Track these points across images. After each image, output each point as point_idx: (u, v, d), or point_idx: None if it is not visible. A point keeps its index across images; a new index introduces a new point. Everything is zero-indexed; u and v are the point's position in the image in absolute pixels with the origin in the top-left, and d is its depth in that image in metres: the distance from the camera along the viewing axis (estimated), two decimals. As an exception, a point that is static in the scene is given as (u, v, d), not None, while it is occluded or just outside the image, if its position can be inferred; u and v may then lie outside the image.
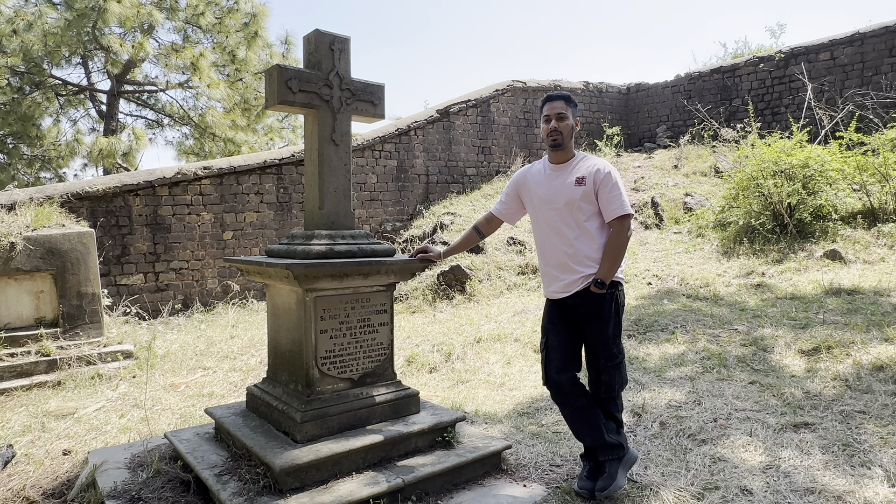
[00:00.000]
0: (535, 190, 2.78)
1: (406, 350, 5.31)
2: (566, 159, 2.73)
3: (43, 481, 3.09)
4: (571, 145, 2.74)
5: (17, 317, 5.12)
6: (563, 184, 2.67)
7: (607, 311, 2.61)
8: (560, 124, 2.67)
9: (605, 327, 2.62)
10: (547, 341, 2.75)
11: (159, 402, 4.33)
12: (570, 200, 2.63)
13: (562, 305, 2.72)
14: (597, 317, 2.62)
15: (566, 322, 2.71)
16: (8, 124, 12.85)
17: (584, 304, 2.63)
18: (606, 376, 2.64)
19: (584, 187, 2.61)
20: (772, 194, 7.24)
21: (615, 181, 2.60)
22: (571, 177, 2.66)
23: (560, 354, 2.69)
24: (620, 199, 2.59)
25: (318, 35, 2.94)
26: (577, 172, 2.66)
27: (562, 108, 2.68)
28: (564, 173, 2.69)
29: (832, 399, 3.38)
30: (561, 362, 2.69)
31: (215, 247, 8.30)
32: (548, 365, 2.73)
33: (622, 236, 2.59)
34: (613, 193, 2.59)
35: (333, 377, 2.82)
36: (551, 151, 2.75)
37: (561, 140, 2.68)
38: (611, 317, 2.62)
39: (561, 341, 2.70)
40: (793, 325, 4.63)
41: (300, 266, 2.57)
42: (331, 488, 2.51)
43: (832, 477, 2.61)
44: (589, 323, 2.65)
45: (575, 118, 2.72)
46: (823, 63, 10.24)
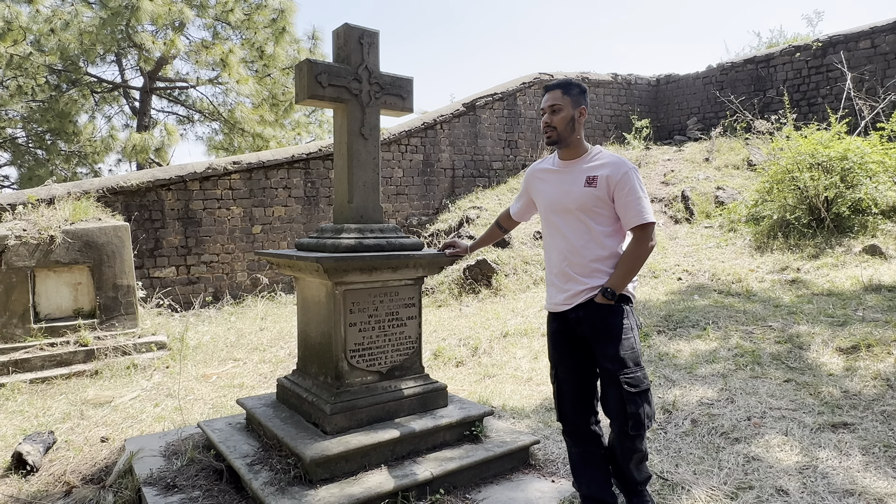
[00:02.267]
0: (542, 189, 2.47)
1: (432, 344, 5.32)
2: (576, 155, 2.37)
3: (82, 467, 3.19)
4: (578, 139, 2.36)
5: (57, 308, 5.28)
6: (572, 184, 2.33)
7: (617, 327, 2.24)
8: (554, 118, 2.32)
9: (616, 346, 2.24)
10: (556, 373, 2.43)
11: (192, 393, 4.43)
12: (579, 203, 2.29)
13: (563, 323, 2.37)
14: (605, 334, 2.25)
15: (573, 348, 2.37)
16: (46, 121, 13.25)
17: (587, 320, 2.28)
18: (633, 406, 2.20)
19: (595, 189, 2.26)
20: (808, 188, 7.03)
21: (634, 183, 2.23)
22: (581, 176, 2.31)
23: (573, 387, 2.38)
24: (640, 205, 2.22)
25: (348, 29, 2.94)
26: (589, 171, 2.31)
27: (556, 98, 2.33)
28: (573, 171, 2.35)
29: (872, 399, 3.27)
30: (575, 398, 2.38)
31: (244, 240, 8.43)
32: (560, 400, 2.41)
33: (642, 246, 2.24)
34: (632, 197, 2.22)
35: (362, 370, 2.84)
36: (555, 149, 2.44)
37: (556, 136, 2.33)
38: (622, 334, 2.24)
39: (572, 372, 2.38)
40: (830, 323, 4.50)
41: (330, 259, 2.58)
42: (360, 480, 2.53)
43: (873, 479, 2.54)
44: (598, 342, 2.27)
45: (578, 107, 2.33)
46: (864, 51, 9.88)
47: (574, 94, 2.34)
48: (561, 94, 2.33)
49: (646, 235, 2.24)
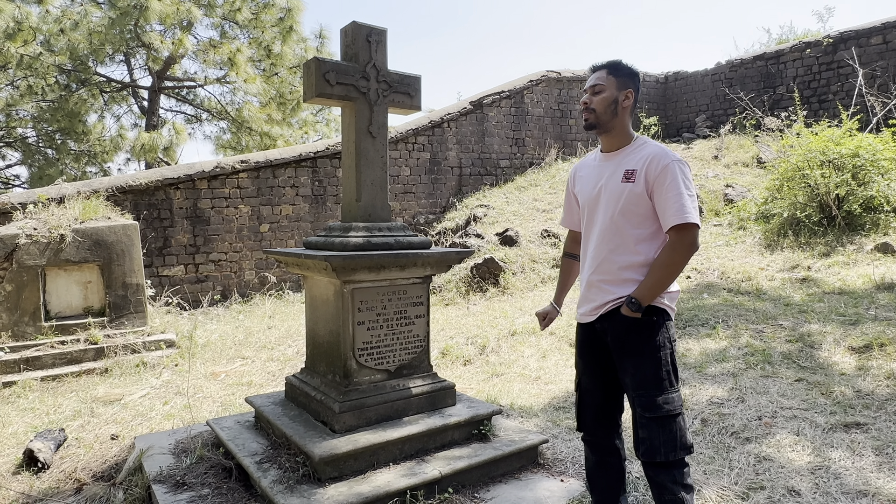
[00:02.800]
0: (580, 185, 2.24)
1: (440, 342, 5.31)
2: (618, 146, 2.09)
3: (93, 464, 3.21)
4: (620, 126, 2.08)
5: (67, 306, 5.32)
6: (609, 178, 2.07)
7: (646, 343, 1.99)
8: (594, 99, 2.07)
9: (642, 365, 1.99)
10: (580, 383, 2.26)
11: (201, 390, 4.45)
12: (614, 201, 2.04)
13: (590, 333, 2.17)
14: (628, 349, 2.02)
15: (599, 357, 2.15)
16: (56, 121, 13.35)
17: (612, 331, 2.05)
18: (644, 431, 1.98)
19: (633, 184, 1.99)
20: (819, 185, 6.96)
21: (676, 177, 1.94)
22: (620, 169, 2.05)
23: (596, 399, 2.20)
24: (680, 202, 1.91)
25: (356, 27, 2.94)
26: (628, 164, 2.04)
27: (599, 78, 2.08)
28: (612, 164, 2.09)
29: (885, 398, 3.23)
30: (597, 410, 2.20)
31: (252, 239, 8.45)
32: (582, 410, 2.25)
33: (678, 252, 1.94)
34: (672, 193, 1.93)
35: (371, 368, 2.84)
36: (598, 137, 2.17)
37: (594, 119, 2.08)
38: (651, 352, 1.98)
39: (596, 382, 2.19)
40: (842, 321, 4.46)
41: (338, 258, 2.58)
42: (368, 478, 2.53)
43: (886, 479, 2.51)
44: (622, 358, 2.04)
45: (623, 90, 2.06)
46: (875, 48, 9.78)
47: (621, 76, 2.07)
48: (606, 73, 2.08)
49: (683, 239, 1.93)
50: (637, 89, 2.10)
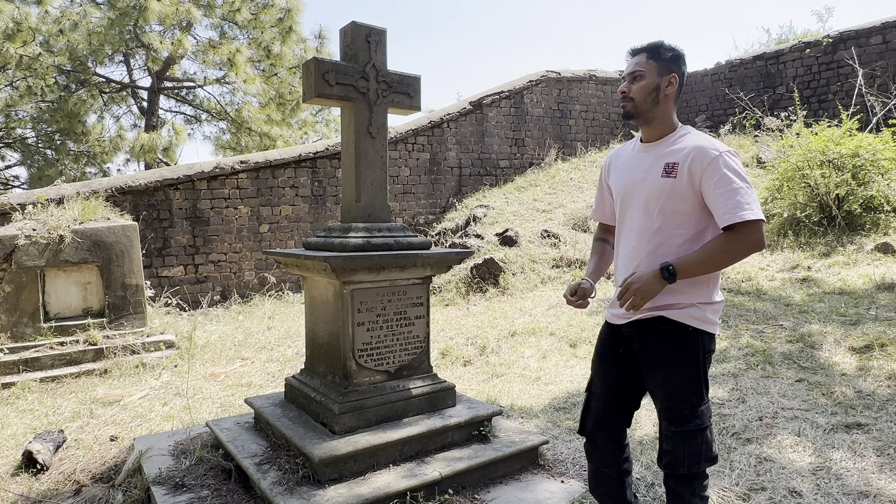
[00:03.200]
0: (615, 176, 2.07)
1: (440, 343, 5.30)
2: (660, 135, 1.92)
3: (92, 466, 3.21)
4: (663, 115, 1.90)
5: (66, 307, 5.31)
6: (648, 170, 1.90)
7: (676, 355, 1.85)
8: (633, 86, 1.89)
9: (671, 377, 1.86)
10: (591, 385, 2.12)
11: (200, 392, 4.44)
12: (653, 197, 1.87)
13: (616, 335, 2.03)
14: (660, 361, 1.88)
15: (619, 363, 2.02)
16: (56, 121, 13.33)
17: (640, 338, 1.92)
18: (669, 444, 1.88)
19: (674, 180, 1.82)
20: (819, 185, 6.96)
21: (728, 169, 1.74)
22: (661, 162, 1.87)
23: (602, 406, 2.05)
24: (737, 197, 1.71)
25: (355, 27, 2.93)
26: (669, 156, 1.86)
27: (639, 63, 1.90)
28: (652, 155, 1.91)
29: (887, 399, 3.23)
30: (601, 419, 2.06)
31: (252, 239, 8.45)
32: (585, 414, 2.11)
33: (740, 243, 1.73)
34: (724, 189, 1.73)
35: (370, 369, 2.83)
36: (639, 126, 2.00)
37: (632, 108, 1.90)
38: (682, 364, 1.85)
39: (607, 388, 2.05)
40: (842, 322, 4.45)
41: (338, 259, 2.57)
42: (368, 480, 2.52)
43: (888, 480, 2.50)
44: (652, 368, 1.91)
45: (667, 75, 1.88)
46: (875, 47, 9.77)
47: (664, 59, 1.89)
48: (646, 58, 1.90)
49: (747, 235, 1.72)
50: (682, 73, 1.91)
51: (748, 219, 1.70)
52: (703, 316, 1.87)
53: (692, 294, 1.87)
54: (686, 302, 1.86)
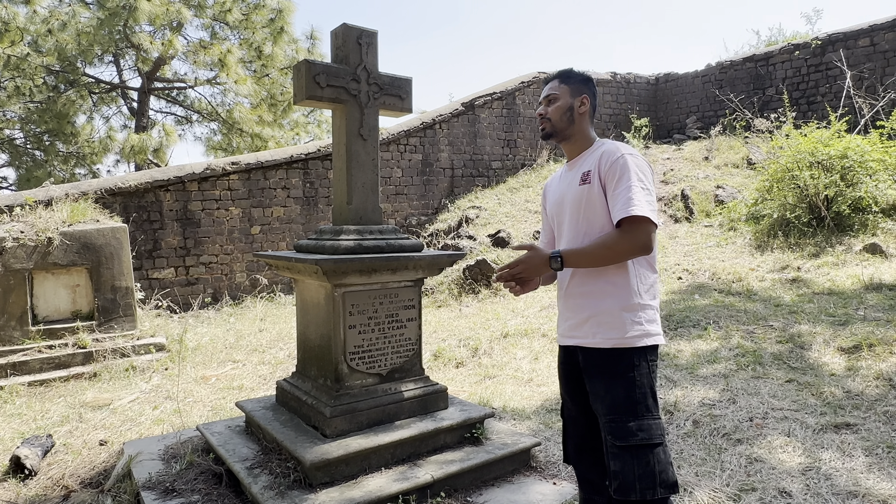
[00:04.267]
0: (550, 199, 2.14)
1: (432, 345, 5.30)
2: (579, 151, 2.02)
3: (81, 470, 3.17)
4: (579, 131, 2.01)
5: (55, 310, 5.26)
6: (571, 184, 1.98)
7: (617, 364, 1.83)
8: (549, 108, 2.01)
9: (613, 387, 1.81)
10: (563, 408, 2.10)
11: (191, 395, 4.41)
12: (576, 204, 1.93)
13: (569, 356, 2.00)
14: (604, 371, 1.84)
15: (580, 383, 1.98)
16: (44, 122, 13.21)
17: (587, 355, 1.89)
18: (617, 464, 1.76)
19: (590, 185, 1.88)
20: (808, 186, 7.01)
21: (629, 169, 1.80)
22: (579, 173, 1.95)
23: (580, 430, 2.02)
24: (629, 194, 1.76)
25: (346, 29, 2.92)
26: (585, 166, 1.94)
27: (552, 88, 2.03)
28: (574, 171, 1.99)
29: (875, 399, 3.26)
30: (580, 442, 2.02)
31: (243, 241, 8.40)
32: (566, 440, 2.09)
33: (625, 241, 1.77)
34: (623, 186, 1.79)
35: (362, 372, 2.82)
36: (560, 146, 2.10)
37: (550, 128, 2.01)
38: (626, 373, 1.81)
39: (579, 410, 2.01)
40: (831, 322, 4.49)
41: (329, 262, 2.56)
42: (360, 483, 2.52)
43: (876, 480, 2.52)
44: (593, 380, 1.87)
45: (578, 96, 2.00)
46: (863, 49, 9.87)
47: (573, 83, 2.02)
48: (558, 83, 2.03)
49: (629, 234, 1.76)
50: (593, 94, 2.04)
51: (635, 213, 1.73)
52: (642, 330, 1.82)
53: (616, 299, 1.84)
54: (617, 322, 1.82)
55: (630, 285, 1.84)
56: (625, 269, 1.84)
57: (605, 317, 1.84)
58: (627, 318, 1.82)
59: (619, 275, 1.84)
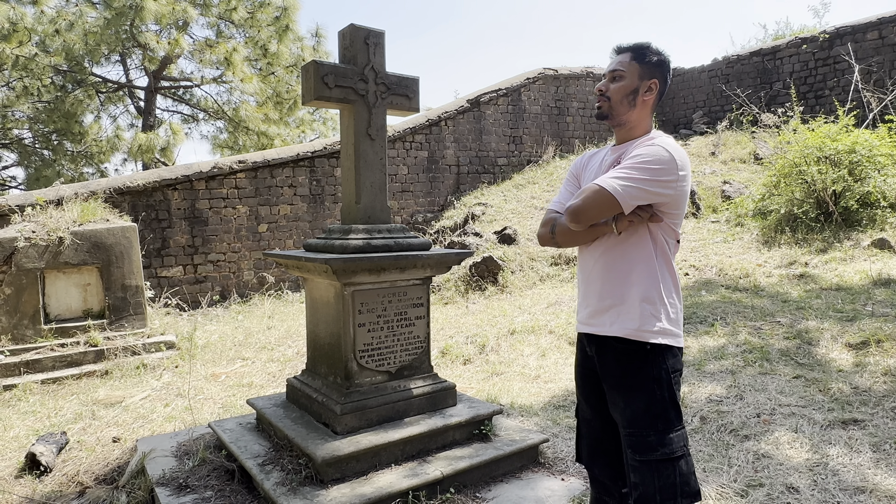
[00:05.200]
0: (585, 174, 2.00)
1: (440, 342, 5.33)
2: (628, 138, 1.86)
3: (95, 467, 3.22)
4: (640, 120, 1.84)
5: (67, 308, 5.32)
6: (606, 169, 1.86)
7: (636, 375, 1.76)
8: (611, 86, 1.83)
9: (633, 399, 1.75)
10: (579, 409, 2.03)
11: (201, 392, 4.46)
12: None
13: (585, 356, 1.95)
14: (622, 383, 1.78)
15: (596, 385, 1.91)
16: (52, 122, 13.31)
17: (603, 362, 1.84)
18: (637, 477, 1.73)
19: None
20: (815, 181, 6.99)
21: (642, 160, 1.70)
22: (617, 158, 1.85)
23: (594, 431, 1.95)
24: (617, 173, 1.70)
25: (354, 30, 2.94)
26: (626, 155, 1.82)
27: (621, 63, 1.83)
28: (615, 156, 1.87)
29: (883, 395, 3.26)
30: (594, 441, 1.95)
31: (251, 239, 8.45)
32: (579, 440, 2.03)
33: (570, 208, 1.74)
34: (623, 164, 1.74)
35: (372, 370, 2.85)
36: (612, 128, 1.93)
37: (607, 108, 1.84)
38: (643, 385, 1.75)
39: (594, 413, 1.94)
40: (839, 318, 4.48)
41: (338, 261, 2.59)
42: (371, 480, 2.55)
43: (884, 476, 2.53)
44: (612, 391, 1.82)
45: (648, 79, 1.81)
46: (871, 43, 9.80)
47: (647, 63, 1.81)
48: (629, 59, 1.82)
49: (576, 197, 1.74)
50: (665, 80, 1.85)
51: (602, 184, 1.68)
52: (661, 327, 1.75)
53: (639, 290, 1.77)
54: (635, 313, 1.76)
55: (654, 278, 1.77)
56: (650, 261, 1.78)
57: (624, 306, 1.78)
58: (647, 310, 1.75)
59: (644, 265, 1.78)
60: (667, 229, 1.80)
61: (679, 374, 1.81)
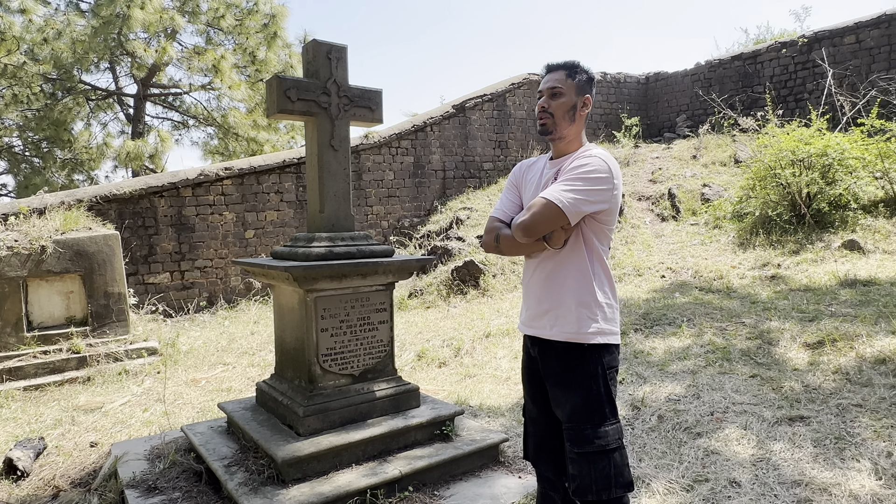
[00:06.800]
0: (526, 190, 2.09)
1: (417, 345, 5.43)
2: (566, 152, 1.97)
3: (71, 471, 3.31)
4: (574, 133, 1.96)
5: (49, 316, 5.40)
6: (546, 182, 1.96)
7: (574, 372, 1.88)
8: (552, 102, 1.93)
9: (571, 396, 1.87)
10: (525, 408, 2.13)
11: (181, 397, 4.55)
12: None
13: (530, 357, 2.05)
14: (561, 380, 1.90)
15: (540, 385, 2.02)
16: (42, 129, 13.36)
17: (545, 362, 1.95)
18: (575, 468, 1.84)
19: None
20: (790, 184, 7.13)
21: (582, 167, 1.82)
22: (555, 173, 1.95)
23: (539, 429, 2.05)
24: (560, 186, 1.80)
25: (316, 45, 3.05)
26: (563, 168, 1.93)
27: (558, 80, 1.93)
28: (554, 171, 1.97)
29: (830, 392, 3.38)
30: (541, 443, 2.05)
31: (238, 245, 8.55)
32: (526, 438, 2.12)
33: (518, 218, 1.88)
34: (561, 179, 1.84)
35: (335, 373, 2.95)
36: (549, 142, 2.01)
37: (552, 125, 1.94)
38: (582, 382, 1.87)
39: (541, 412, 2.04)
40: (801, 318, 4.61)
41: (300, 268, 2.70)
42: (331, 479, 2.65)
43: (820, 469, 2.65)
44: (554, 388, 1.93)
45: (582, 95, 1.94)
46: (849, 47, 9.97)
47: (580, 81, 1.94)
48: (565, 76, 1.94)
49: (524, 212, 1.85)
50: (593, 95, 2.00)
51: (549, 197, 1.78)
52: (597, 328, 1.86)
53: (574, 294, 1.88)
54: (572, 317, 1.87)
55: (588, 282, 1.88)
56: (584, 266, 1.88)
57: (562, 310, 1.89)
58: (584, 314, 1.87)
59: (579, 271, 1.88)
60: (601, 235, 1.92)
61: (615, 370, 1.93)
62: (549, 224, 1.82)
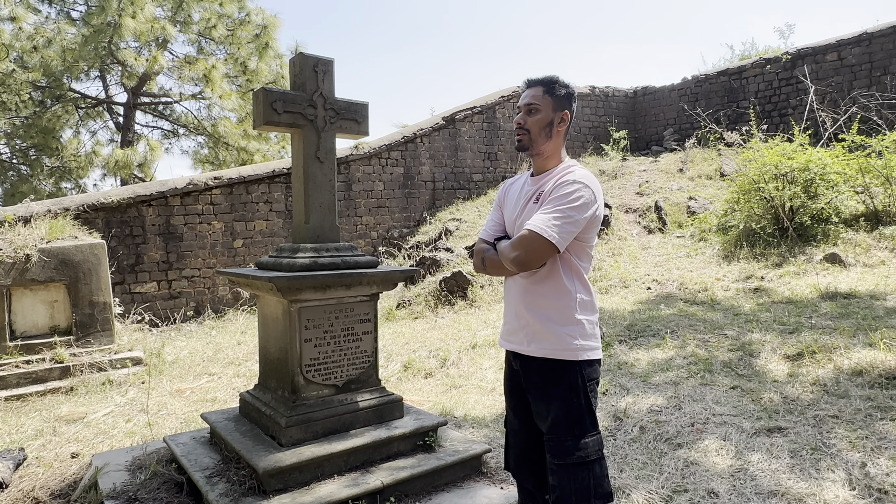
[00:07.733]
0: (507, 208, 2.12)
1: (403, 356, 5.44)
2: (546, 168, 2.00)
3: (51, 483, 3.28)
4: (554, 149, 1.99)
5: (33, 325, 5.36)
6: (528, 202, 1.99)
7: (556, 386, 1.91)
8: (529, 119, 1.96)
9: (552, 408, 1.90)
10: (507, 419, 2.17)
11: (165, 408, 4.52)
12: (523, 224, 1.94)
13: (512, 370, 2.09)
14: (543, 393, 1.93)
15: (522, 397, 2.06)
16: (30, 137, 13.29)
17: (528, 375, 1.99)
18: (555, 479, 1.88)
19: (539, 207, 1.92)
20: (773, 198, 7.25)
21: (568, 195, 1.84)
22: (538, 193, 1.97)
23: (521, 441, 2.09)
24: (543, 216, 1.83)
25: (302, 58, 3.10)
26: (545, 186, 1.95)
27: (535, 97, 1.96)
28: (535, 188, 1.99)
29: (808, 404, 3.43)
30: (520, 451, 2.09)
31: (226, 255, 8.53)
32: (507, 450, 2.16)
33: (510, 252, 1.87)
34: (548, 206, 1.85)
35: (318, 384, 2.96)
36: (530, 158, 2.04)
37: (528, 141, 1.97)
38: (563, 395, 1.90)
39: (522, 424, 2.08)
40: (782, 330, 4.67)
41: (283, 279, 2.71)
42: (312, 490, 2.65)
43: (796, 480, 2.69)
44: (536, 401, 1.97)
45: (560, 111, 1.96)
46: (831, 64, 10.18)
47: (558, 96, 1.96)
48: (542, 92, 1.96)
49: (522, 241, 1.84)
50: (573, 110, 2.00)
51: (535, 229, 1.80)
52: (578, 344, 1.89)
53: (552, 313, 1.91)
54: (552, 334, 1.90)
55: (566, 300, 1.91)
56: (561, 284, 1.91)
57: (538, 327, 1.92)
58: (562, 332, 1.90)
59: (556, 289, 1.91)
60: (581, 252, 1.96)
61: (596, 382, 1.96)
62: (543, 257, 1.86)
